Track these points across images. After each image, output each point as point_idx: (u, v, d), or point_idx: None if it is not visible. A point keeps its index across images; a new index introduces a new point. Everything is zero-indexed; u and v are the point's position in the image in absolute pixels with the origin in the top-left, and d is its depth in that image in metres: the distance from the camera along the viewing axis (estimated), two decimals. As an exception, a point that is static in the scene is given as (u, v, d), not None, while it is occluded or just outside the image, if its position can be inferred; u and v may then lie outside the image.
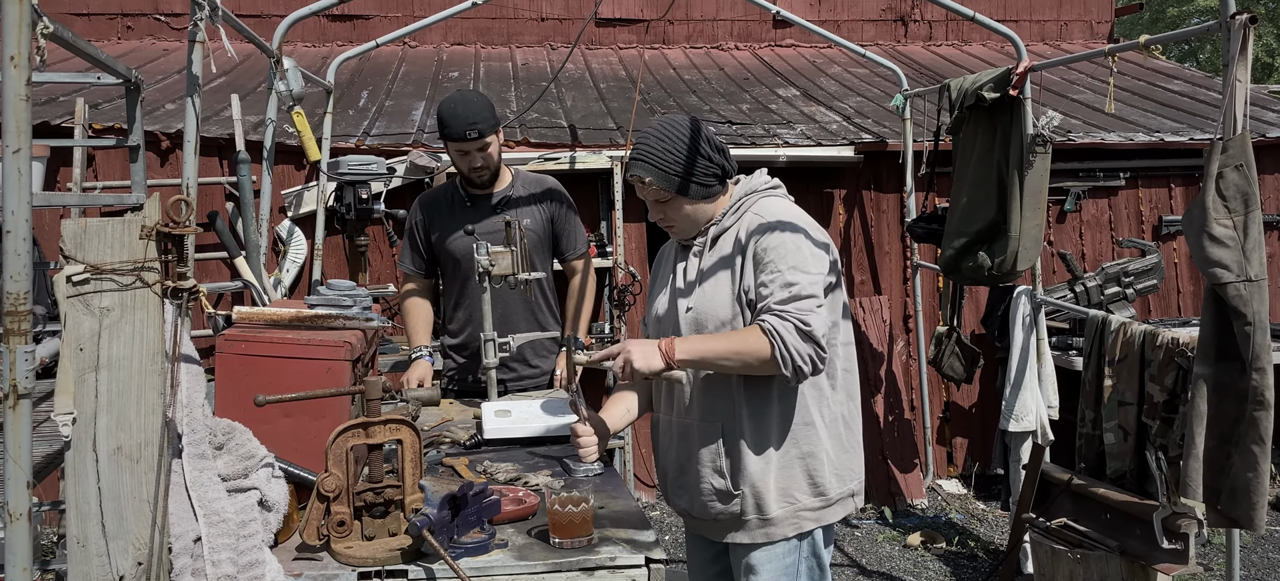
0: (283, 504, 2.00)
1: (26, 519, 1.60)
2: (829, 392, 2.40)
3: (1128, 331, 3.78)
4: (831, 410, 2.40)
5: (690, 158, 2.38)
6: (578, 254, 3.73)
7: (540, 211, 3.64)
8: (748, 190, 2.47)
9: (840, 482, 2.39)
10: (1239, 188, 2.90)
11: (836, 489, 2.38)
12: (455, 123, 3.39)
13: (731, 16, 8.95)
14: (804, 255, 2.29)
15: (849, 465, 2.42)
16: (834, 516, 2.40)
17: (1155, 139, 6.19)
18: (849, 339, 2.48)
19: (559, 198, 3.69)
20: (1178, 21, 18.32)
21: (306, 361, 2.27)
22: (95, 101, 5.74)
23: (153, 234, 1.70)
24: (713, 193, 2.43)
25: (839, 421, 2.41)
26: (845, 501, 2.42)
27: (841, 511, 2.41)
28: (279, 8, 7.89)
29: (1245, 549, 4.90)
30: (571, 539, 1.98)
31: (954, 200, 4.73)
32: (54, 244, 4.88)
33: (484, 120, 3.41)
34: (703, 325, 2.40)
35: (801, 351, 2.20)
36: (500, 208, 3.57)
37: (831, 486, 2.37)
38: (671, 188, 2.39)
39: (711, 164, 2.40)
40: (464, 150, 3.45)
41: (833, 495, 2.38)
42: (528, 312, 3.58)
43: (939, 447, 6.17)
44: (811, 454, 2.36)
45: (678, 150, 2.38)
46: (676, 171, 2.38)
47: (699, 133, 2.41)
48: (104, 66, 2.58)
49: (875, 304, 6.10)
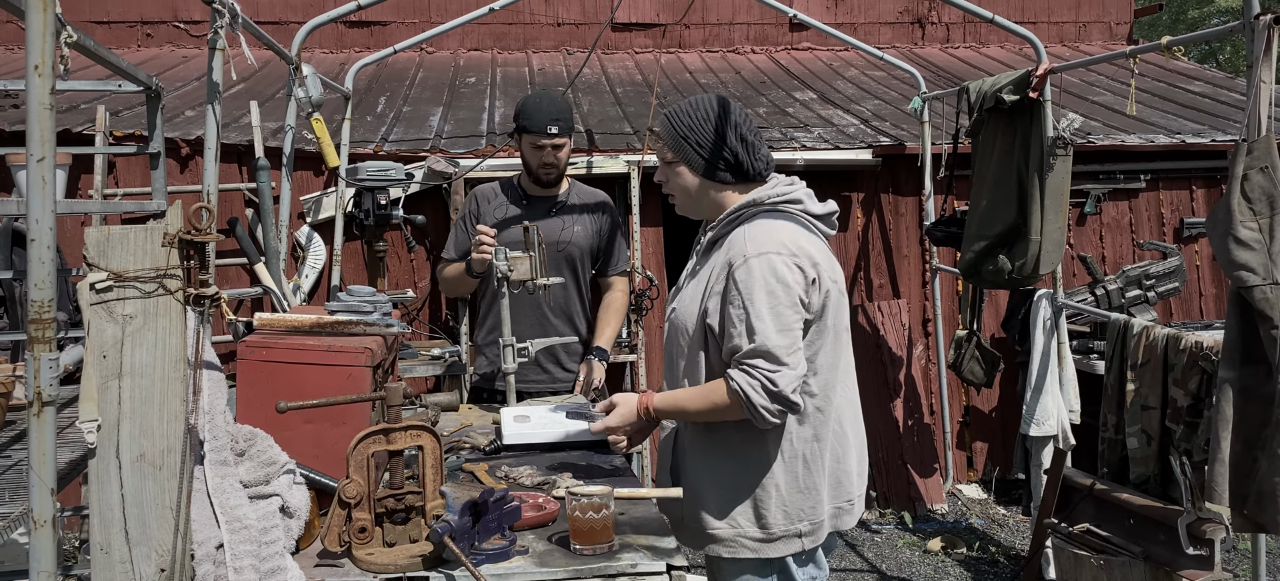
0: (304, 510, 2.01)
1: (51, 525, 1.61)
2: (794, 429, 2.31)
3: (1150, 335, 3.74)
4: (793, 447, 2.31)
5: (705, 131, 2.34)
6: (618, 271, 3.81)
7: (592, 222, 3.72)
8: (752, 200, 2.35)
9: (787, 521, 2.30)
10: (1264, 190, 2.88)
11: (781, 526, 2.31)
12: (539, 116, 3.48)
13: (748, 20, 8.93)
14: (777, 302, 2.20)
15: (800, 505, 2.31)
16: (774, 552, 2.31)
17: (1176, 141, 6.14)
18: (835, 369, 2.35)
19: (611, 213, 3.78)
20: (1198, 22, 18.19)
21: (327, 367, 2.28)
22: (115, 109, 5.78)
23: (175, 241, 1.70)
24: (721, 179, 2.37)
25: (799, 459, 2.31)
26: (789, 539, 2.31)
27: (785, 548, 2.31)
28: (298, 15, 7.94)
29: (1271, 554, 4.84)
30: (592, 545, 1.97)
31: (973, 203, 4.70)
32: (75, 250, 4.91)
33: (564, 121, 3.52)
34: (678, 332, 2.40)
35: (769, 409, 2.18)
36: (556, 212, 3.65)
37: (777, 523, 2.30)
38: (675, 149, 2.37)
39: (727, 148, 2.33)
40: (540, 144, 3.52)
41: (776, 531, 2.31)
42: (565, 318, 3.64)
43: (959, 452, 6.13)
44: (762, 487, 2.30)
45: (697, 119, 2.35)
46: (686, 136, 2.35)
47: (727, 115, 2.35)
48: (125, 74, 2.60)
49: (894, 307, 6.07)
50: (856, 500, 2.43)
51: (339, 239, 5.09)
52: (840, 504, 2.39)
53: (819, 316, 2.29)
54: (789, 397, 2.18)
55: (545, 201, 3.67)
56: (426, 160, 5.34)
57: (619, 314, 3.78)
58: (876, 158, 5.92)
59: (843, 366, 2.40)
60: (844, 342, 2.41)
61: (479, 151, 5.50)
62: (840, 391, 2.38)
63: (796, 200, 2.38)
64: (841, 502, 2.39)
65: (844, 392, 2.40)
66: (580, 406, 3.08)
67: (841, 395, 2.38)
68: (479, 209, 3.71)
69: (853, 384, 2.45)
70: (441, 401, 3.26)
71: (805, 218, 2.38)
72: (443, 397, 3.30)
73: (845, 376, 2.41)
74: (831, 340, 2.34)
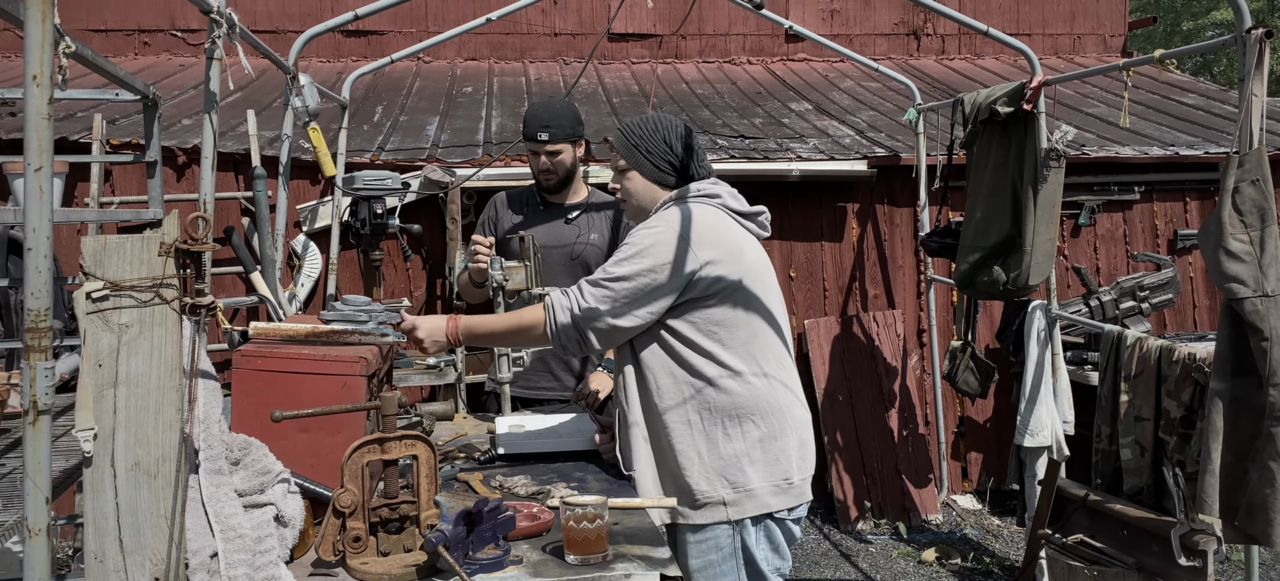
0: (298, 519, 2.01)
1: (45, 534, 1.61)
2: (711, 397, 2.43)
3: (1144, 346, 3.76)
4: (711, 414, 2.43)
5: (654, 140, 2.57)
6: None
7: (608, 229, 3.75)
8: (678, 194, 2.56)
9: (709, 486, 2.42)
10: (1255, 202, 2.89)
11: (705, 492, 2.42)
12: (531, 122, 3.53)
13: (744, 31, 8.97)
14: (641, 250, 2.40)
15: (722, 470, 2.43)
16: (701, 518, 2.43)
17: (1170, 152, 6.16)
18: (750, 348, 2.45)
19: (624, 221, 3.78)
20: (1192, 33, 18.25)
21: (322, 377, 2.28)
22: (112, 117, 5.79)
23: (172, 251, 1.71)
24: (666, 184, 2.58)
25: (718, 426, 2.43)
26: (715, 506, 2.43)
27: (712, 515, 2.43)
28: (295, 24, 7.95)
29: (1264, 565, 4.86)
30: (586, 555, 1.98)
31: (968, 214, 4.72)
32: (70, 259, 4.91)
33: (558, 127, 3.53)
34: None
35: (563, 327, 2.42)
36: (572, 219, 3.68)
37: (700, 489, 2.42)
38: (627, 156, 2.60)
39: (670, 152, 2.56)
40: (535, 151, 3.56)
41: (700, 498, 2.43)
42: None
43: (953, 462, 6.14)
44: (683, 454, 2.44)
45: (646, 130, 2.59)
46: (636, 145, 2.59)
47: (671, 126, 2.60)
48: (122, 83, 2.61)
49: (889, 318, 6.09)
50: (797, 481, 2.50)
51: (335, 248, 5.09)
52: (776, 481, 2.46)
53: (716, 297, 2.42)
54: (587, 329, 2.40)
55: (561, 209, 3.69)
56: (423, 169, 5.35)
57: None
58: (872, 168, 5.94)
59: (773, 354, 2.51)
60: (772, 330, 2.52)
61: (475, 161, 5.51)
62: (771, 375, 2.49)
63: (715, 195, 2.56)
64: (778, 480, 2.46)
65: (777, 377, 2.50)
66: (577, 418, 3.08)
67: (773, 379, 2.49)
68: (496, 216, 3.75)
69: (789, 371, 2.56)
70: (436, 410, 3.26)
71: (727, 211, 2.55)
72: (438, 407, 3.31)
73: (778, 363, 2.52)
74: (744, 321, 2.46)
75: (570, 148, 3.61)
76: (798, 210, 5.98)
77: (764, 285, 2.52)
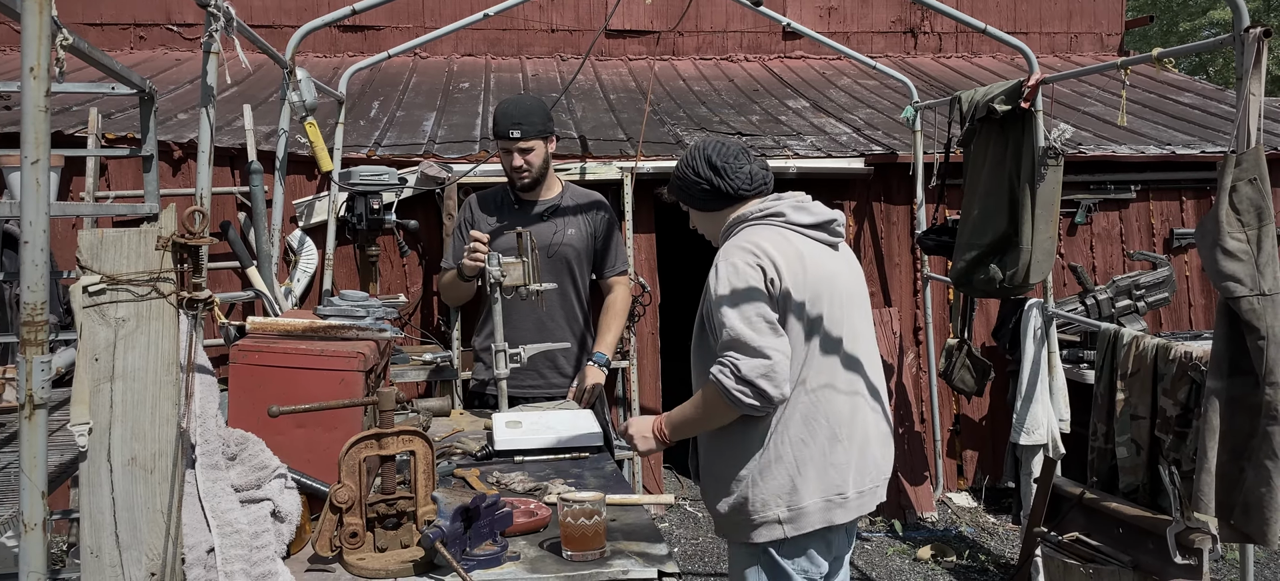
0: (295, 515, 2.01)
1: (41, 529, 1.60)
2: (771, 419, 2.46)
3: (1140, 345, 3.76)
4: (772, 435, 2.46)
5: (686, 177, 2.66)
6: (617, 272, 3.81)
7: (585, 223, 3.71)
8: (739, 217, 2.59)
9: (763, 507, 2.47)
10: (1253, 201, 2.89)
11: (759, 513, 2.47)
12: (502, 120, 3.50)
13: (741, 28, 8.96)
14: (738, 297, 2.41)
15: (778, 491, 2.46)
16: (758, 537, 2.49)
17: (1167, 151, 6.17)
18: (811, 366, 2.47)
19: (605, 213, 3.77)
20: (1189, 33, 18.27)
21: (320, 372, 2.28)
22: (108, 112, 5.77)
23: (169, 245, 1.70)
24: (711, 207, 2.64)
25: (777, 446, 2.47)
26: (770, 525, 2.48)
27: (767, 535, 2.48)
28: (291, 19, 7.94)
29: (1259, 564, 4.87)
30: (584, 552, 1.98)
31: (965, 212, 4.72)
32: (65, 254, 4.90)
33: (529, 124, 3.50)
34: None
35: (741, 392, 2.37)
36: (547, 216, 3.65)
37: (756, 509, 2.48)
38: (683, 200, 2.71)
39: (702, 179, 2.60)
40: (506, 149, 3.54)
41: (756, 518, 2.48)
42: (564, 323, 3.65)
43: (949, 460, 6.14)
44: (744, 471, 2.48)
45: (681, 171, 2.68)
46: (679, 189, 2.69)
47: (697, 154, 2.65)
48: (119, 77, 2.60)
49: (885, 316, 6.09)
50: (851, 496, 2.50)
51: (331, 243, 5.08)
52: (830, 497, 2.47)
53: (785, 313, 2.43)
54: (755, 382, 2.35)
55: (536, 205, 3.67)
56: (419, 165, 5.34)
57: (620, 316, 3.78)
58: (869, 166, 5.94)
59: (829, 365, 2.49)
60: (832, 343, 2.51)
61: (472, 157, 5.50)
62: (827, 389, 2.48)
63: (778, 213, 2.55)
64: (831, 495, 2.47)
65: (835, 390, 2.50)
66: (573, 414, 3.08)
67: (830, 393, 2.49)
68: (473, 216, 3.72)
69: (850, 382, 2.54)
70: (433, 406, 3.26)
71: (789, 226, 2.53)
72: (434, 403, 3.30)
73: (835, 375, 2.50)
74: (803, 338, 2.46)
75: (542, 144, 3.58)
76: (795, 207, 5.97)
77: (821, 304, 2.49)
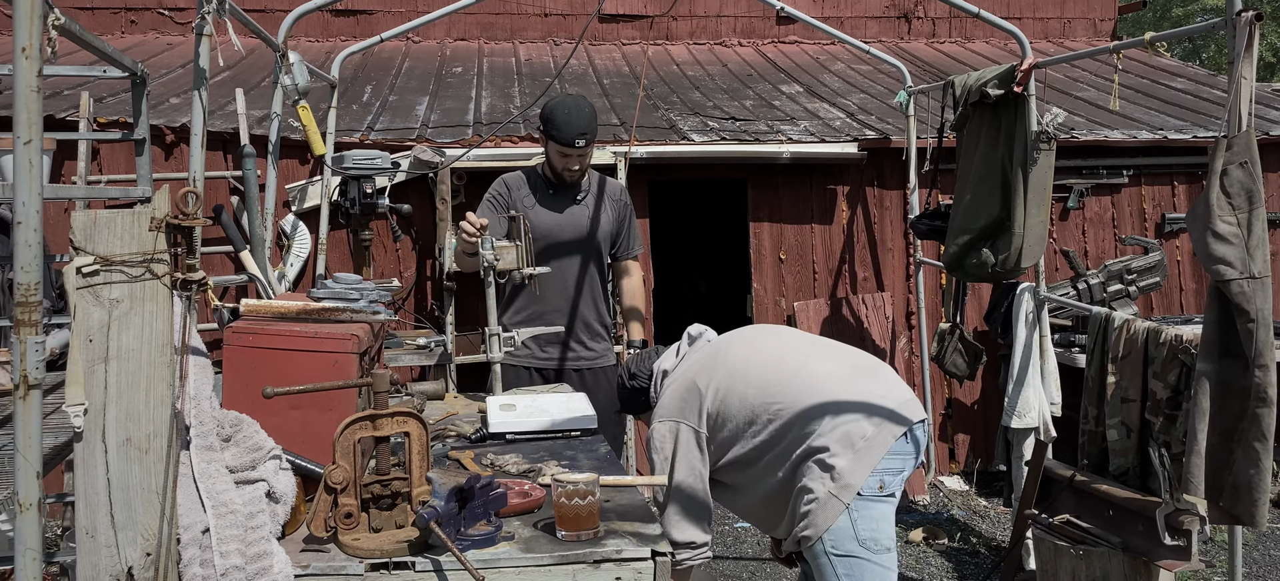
0: (290, 495, 2.01)
1: (36, 509, 1.61)
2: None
3: (1131, 328, 3.78)
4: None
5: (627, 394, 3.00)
6: (633, 254, 4.02)
7: (613, 209, 3.91)
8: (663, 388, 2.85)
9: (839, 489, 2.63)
10: (1243, 185, 2.91)
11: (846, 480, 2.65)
12: (568, 129, 3.63)
13: (735, 12, 8.94)
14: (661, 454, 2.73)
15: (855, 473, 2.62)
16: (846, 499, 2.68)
17: (1159, 136, 6.19)
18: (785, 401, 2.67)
19: (626, 201, 4.01)
20: (1182, 19, 18.27)
21: (314, 354, 2.28)
22: (99, 95, 5.75)
23: (162, 226, 1.70)
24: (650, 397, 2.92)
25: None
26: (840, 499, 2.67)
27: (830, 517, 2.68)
28: (284, 3, 7.89)
29: (1247, 546, 4.90)
30: (577, 532, 1.99)
31: (958, 197, 4.73)
32: (57, 237, 4.88)
33: (592, 132, 3.68)
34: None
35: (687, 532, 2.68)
36: (582, 200, 3.84)
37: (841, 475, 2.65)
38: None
39: (639, 383, 2.94)
40: (567, 154, 3.68)
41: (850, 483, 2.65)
42: (591, 301, 3.85)
43: (941, 444, 6.17)
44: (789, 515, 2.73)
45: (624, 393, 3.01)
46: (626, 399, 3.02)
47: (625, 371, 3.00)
48: (112, 60, 2.59)
49: (878, 300, 6.11)
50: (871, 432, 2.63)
51: (324, 227, 5.08)
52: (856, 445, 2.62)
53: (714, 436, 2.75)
54: (686, 511, 2.70)
55: (572, 189, 3.82)
56: (412, 149, 5.33)
57: (640, 299, 4.05)
58: (862, 151, 5.95)
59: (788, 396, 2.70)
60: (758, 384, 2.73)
61: (465, 141, 5.49)
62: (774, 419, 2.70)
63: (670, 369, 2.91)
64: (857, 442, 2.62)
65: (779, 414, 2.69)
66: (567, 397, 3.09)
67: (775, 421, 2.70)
68: (509, 195, 3.82)
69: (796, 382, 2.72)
70: (428, 390, 3.27)
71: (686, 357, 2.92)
72: (429, 386, 3.31)
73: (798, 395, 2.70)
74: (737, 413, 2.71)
75: (592, 147, 3.76)
76: (788, 192, 5.99)
77: (745, 359, 2.75)
